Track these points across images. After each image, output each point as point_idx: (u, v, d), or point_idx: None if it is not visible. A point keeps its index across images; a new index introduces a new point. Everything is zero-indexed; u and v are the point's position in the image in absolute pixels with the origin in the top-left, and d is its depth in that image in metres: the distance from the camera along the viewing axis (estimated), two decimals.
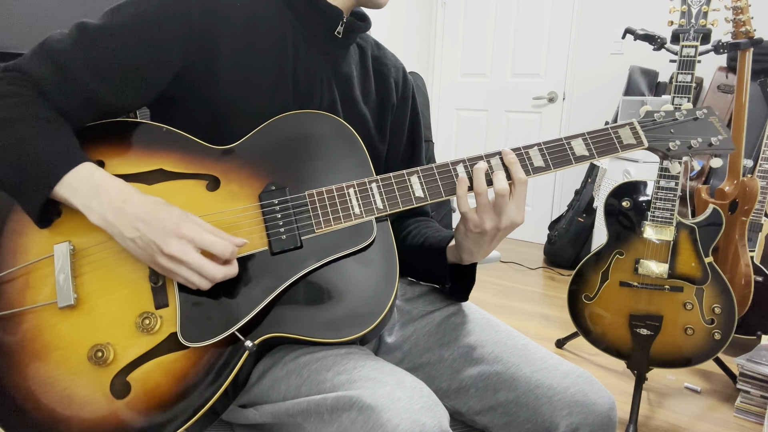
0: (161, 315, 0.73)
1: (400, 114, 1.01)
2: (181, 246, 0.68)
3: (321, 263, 0.76)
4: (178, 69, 0.80)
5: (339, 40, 0.89)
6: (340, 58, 0.92)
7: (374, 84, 0.98)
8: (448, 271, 0.90)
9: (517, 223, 0.78)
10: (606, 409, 0.79)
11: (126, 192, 0.72)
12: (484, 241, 0.81)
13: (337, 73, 0.92)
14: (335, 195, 0.79)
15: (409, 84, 1.04)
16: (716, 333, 1.70)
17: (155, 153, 0.80)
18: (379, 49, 1.02)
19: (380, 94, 0.98)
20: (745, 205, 1.95)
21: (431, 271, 0.94)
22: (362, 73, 0.96)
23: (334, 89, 0.91)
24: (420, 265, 0.95)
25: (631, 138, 0.82)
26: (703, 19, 1.60)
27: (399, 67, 1.03)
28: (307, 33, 0.87)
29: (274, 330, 0.74)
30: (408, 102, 1.03)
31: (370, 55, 0.99)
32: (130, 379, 0.71)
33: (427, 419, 0.65)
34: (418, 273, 0.99)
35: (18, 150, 0.71)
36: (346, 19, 0.88)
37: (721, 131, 0.83)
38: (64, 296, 0.72)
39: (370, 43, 1.01)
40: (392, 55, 1.04)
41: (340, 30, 0.88)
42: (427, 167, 0.81)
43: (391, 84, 0.99)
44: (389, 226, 0.81)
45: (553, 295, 3.03)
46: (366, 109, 0.95)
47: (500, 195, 0.76)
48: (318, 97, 0.88)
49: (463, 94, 4.21)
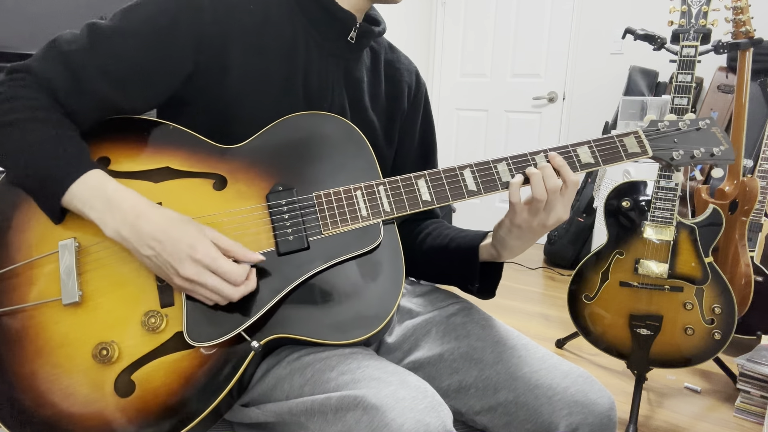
0: (167, 314, 0.73)
1: (410, 119, 1.01)
2: (197, 269, 0.69)
3: (328, 265, 0.76)
4: (190, 71, 0.80)
5: (352, 45, 0.89)
6: (353, 62, 0.92)
7: (384, 88, 0.97)
8: (479, 270, 0.90)
9: (563, 219, 0.80)
10: (606, 409, 0.79)
11: (139, 207, 0.71)
12: (528, 237, 0.82)
13: (348, 79, 0.91)
14: (342, 197, 0.79)
15: (422, 88, 1.03)
16: (716, 333, 1.70)
17: (162, 151, 0.80)
18: (393, 52, 1.01)
19: (390, 99, 0.97)
20: (745, 205, 1.95)
21: (459, 271, 0.93)
22: (373, 78, 0.96)
23: (344, 95, 0.90)
24: (445, 266, 0.95)
25: (636, 147, 0.83)
26: (703, 19, 1.60)
27: (412, 70, 1.02)
28: (320, 37, 0.87)
29: (280, 331, 0.74)
30: (420, 107, 1.02)
31: (383, 59, 0.98)
32: (134, 378, 0.71)
33: (431, 419, 0.66)
34: (440, 274, 0.98)
35: (28, 156, 0.71)
36: (359, 25, 0.87)
37: (723, 142, 0.85)
38: (69, 293, 0.72)
39: (384, 45, 1.00)
40: (405, 58, 1.02)
41: (353, 36, 0.88)
42: (434, 171, 0.81)
43: (403, 89, 0.99)
44: (396, 228, 0.81)
45: (553, 295, 3.03)
46: (374, 116, 0.94)
47: (553, 192, 0.77)
48: (328, 102, 0.88)
49: (463, 94, 4.21)
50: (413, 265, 0.97)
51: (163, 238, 0.69)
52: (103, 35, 0.75)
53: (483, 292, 0.93)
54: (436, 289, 1.00)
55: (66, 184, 0.71)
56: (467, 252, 0.90)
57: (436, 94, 4.29)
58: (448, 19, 4.20)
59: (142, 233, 0.70)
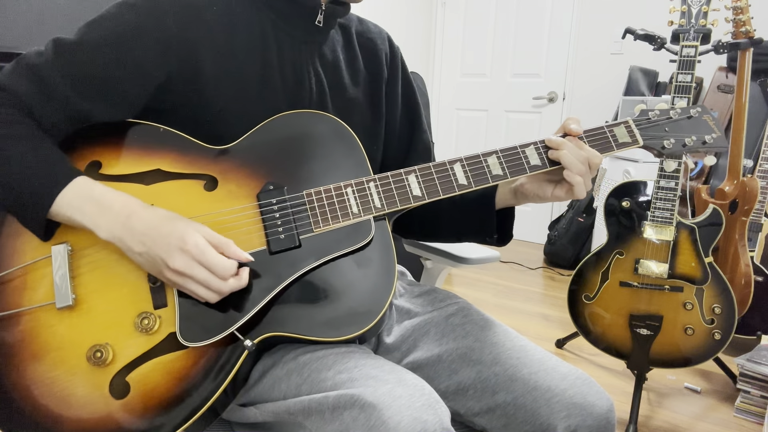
0: (160, 315, 0.73)
1: (391, 83, 1.00)
2: (186, 261, 0.69)
3: (319, 262, 0.76)
4: (160, 82, 0.79)
5: (321, 28, 0.89)
6: (325, 45, 0.92)
7: (362, 62, 0.97)
8: (495, 216, 0.91)
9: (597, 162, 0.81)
10: (604, 411, 0.79)
11: (130, 206, 0.72)
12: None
13: (324, 62, 0.91)
14: (333, 194, 0.79)
15: (397, 52, 1.02)
16: (716, 333, 1.70)
17: (152, 153, 0.80)
18: (362, 23, 1.01)
19: (370, 70, 0.97)
20: (745, 205, 1.95)
21: (475, 220, 0.94)
22: (348, 54, 0.96)
23: (323, 78, 0.90)
24: (459, 217, 0.95)
25: (627, 136, 0.83)
26: (703, 19, 1.60)
27: (384, 36, 1.01)
28: (288, 27, 0.87)
29: (272, 329, 0.74)
30: (398, 70, 1.01)
31: (354, 32, 0.98)
32: (129, 380, 0.71)
33: (428, 417, 0.65)
34: (454, 227, 0.98)
35: (7, 171, 0.71)
36: (325, 7, 0.87)
37: (715, 129, 0.84)
38: (62, 297, 0.72)
39: (353, 20, 0.99)
40: (375, 26, 1.02)
41: (320, 19, 0.88)
42: (424, 166, 0.81)
43: (380, 57, 0.98)
44: (387, 224, 0.81)
45: (553, 295, 3.03)
46: (357, 92, 0.94)
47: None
48: (307, 89, 0.88)
49: (463, 94, 4.21)
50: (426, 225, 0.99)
51: (153, 234, 0.70)
52: (66, 49, 0.76)
53: (501, 238, 0.94)
54: (435, 290, 1.00)
55: (54, 193, 0.71)
56: (482, 199, 0.91)
57: (436, 94, 4.29)
58: (448, 19, 4.20)
59: (135, 231, 0.70)
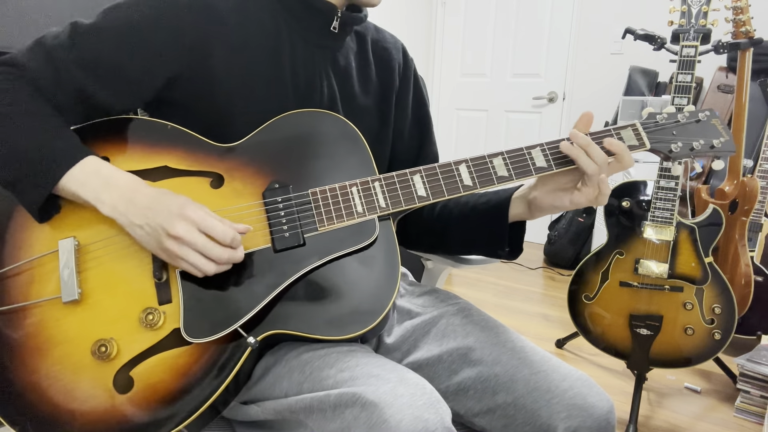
0: (164, 311, 0.74)
1: (402, 94, 1.01)
2: (186, 227, 0.70)
3: (323, 261, 0.76)
4: (171, 75, 0.80)
5: (336, 34, 0.89)
6: (339, 51, 0.92)
7: (375, 70, 0.97)
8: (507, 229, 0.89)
9: None
10: (604, 412, 0.79)
11: (135, 183, 0.74)
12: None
13: (336, 68, 0.91)
14: (338, 193, 0.79)
15: (410, 63, 1.03)
16: (716, 333, 1.70)
17: (160, 150, 0.80)
18: (378, 32, 1.01)
19: (382, 79, 0.98)
20: (745, 205, 1.95)
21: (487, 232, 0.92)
22: (362, 62, 0.96)
23: (334, 83, 0.90)
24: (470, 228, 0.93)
25: (634, 139, 0.82)
26: (703, 19, 1.60)
27: (399, 47, 1.02)
28: (302, 29, 0.87)
29: (276, 327, 0.74)
30: (410, 82, 1.02)
31: (370, 41, 0.98)
32: (133, 374, 0.71)
33: (429, 416, 0.66)
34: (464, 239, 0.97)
35: (16, 146, 0.72)
36: (341, 14, 0.88)
37: (723, 133, 0.83)
38: (68, 291, 0.73)
39: (369, 28, 1.00)
40: (391, 36, 1.03)
41: (335, 25, 0.88)
42: (429, 167, 0.81)
43: (393, 67, 0.99)
44: (392, 224, 0.81)
45: (553, 295, 3.03)
46: (367, 101, 0.95)
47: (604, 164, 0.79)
48: (318, 93, 0.88)
49: (463, 94, 4.21)
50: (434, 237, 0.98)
51: (156, 205, 0.71)
52: (82, 31, 0.77)
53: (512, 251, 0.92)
54: (435, 290, 1.00)
55: (66, 168, 0.72)
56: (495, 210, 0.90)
57: (436, 94, 4.29)
58: (448, 19, 4.20)
59: (138, 205, 0.72)
